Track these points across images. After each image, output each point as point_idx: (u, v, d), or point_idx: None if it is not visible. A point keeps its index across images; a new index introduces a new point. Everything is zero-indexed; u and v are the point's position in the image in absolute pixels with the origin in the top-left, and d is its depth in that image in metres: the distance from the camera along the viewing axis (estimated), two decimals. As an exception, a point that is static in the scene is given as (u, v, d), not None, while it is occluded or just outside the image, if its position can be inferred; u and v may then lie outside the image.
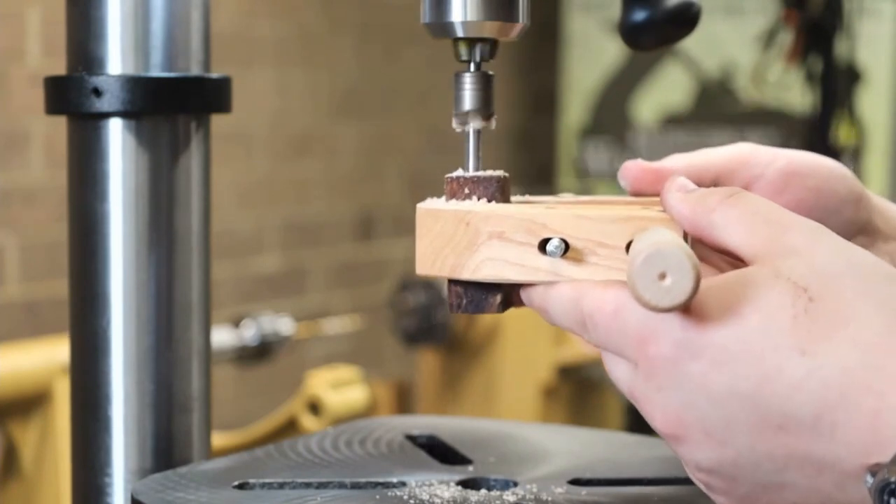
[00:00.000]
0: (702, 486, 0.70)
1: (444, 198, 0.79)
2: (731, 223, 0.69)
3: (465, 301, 0.77)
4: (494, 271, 0.75)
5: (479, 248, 0.75)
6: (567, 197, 0.83)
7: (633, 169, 0.81)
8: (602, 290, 0.70)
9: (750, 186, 0.81)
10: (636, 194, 0.82)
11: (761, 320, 0.65)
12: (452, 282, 0.77)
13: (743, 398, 0.65)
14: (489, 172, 0.79)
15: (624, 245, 0.72)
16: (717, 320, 0.65)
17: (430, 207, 0.77)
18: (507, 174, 0.80)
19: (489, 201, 0.77)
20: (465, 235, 0.75)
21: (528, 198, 0.81)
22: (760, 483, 0.67)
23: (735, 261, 0.71)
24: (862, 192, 0.84)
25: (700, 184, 0.76)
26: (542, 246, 0.74)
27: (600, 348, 0.71)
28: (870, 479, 0.62)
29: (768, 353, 0.64)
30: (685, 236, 0.72)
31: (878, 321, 0.64)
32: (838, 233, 0.75)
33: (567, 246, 0.73)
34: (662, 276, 0.63)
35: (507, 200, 0.79)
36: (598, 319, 0.69)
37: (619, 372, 0.70)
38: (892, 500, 0.60)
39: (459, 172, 0.79)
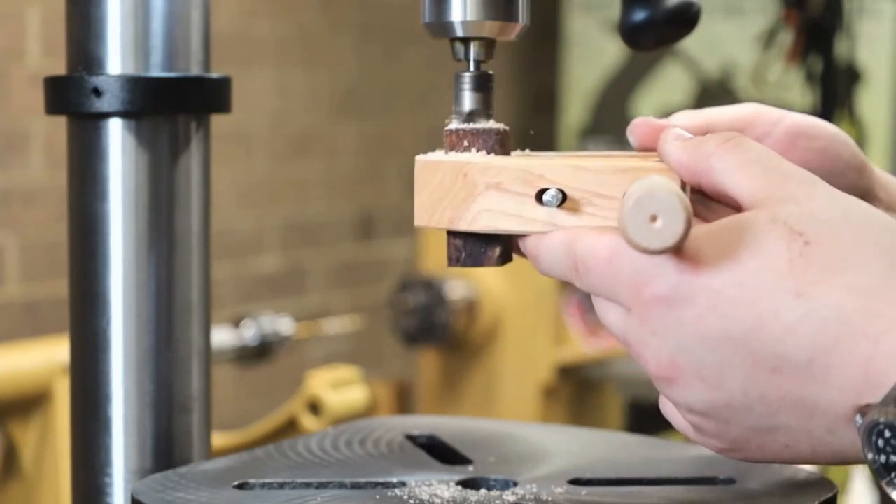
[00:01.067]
0: (691, 430, 0.71)
1: (443, 150, 0.79)
2: (729, 167, 0.69)
3: (463, 254, 0.77)
4: (491, 222, 0.74)
5: (476, 198, 0.75)
6: (566, 152, 0.82)
7: (641, 126, 0.81)
8: (596, 235, 0.70)
9: None
10: (644, 150, 0.82)
11: (757, 264, 0.65)
12: (451, 234, 0.77)
13: (737, 341, 0.65)
14: (489, 125, 0.79)
15: (621, 196, 0.71)
16: (712, 264, 0.66)
17: (429, 159, 0.77)
18: (507, 127, 0.79)
19: (488, 153, 0.77)
20: (463, 187, 0.75)
21: (528, 152, 0.81)
22: (752, 426, 0.68)
23: (734, 209, 0.70)
24: (864, 160, 0.85)
25: None
26: (540, 196, 0.73)
27: (592, 293, 0.71)
28: (859, 420, 0.63)
29: (763, 297, 0.65)
30: (683, 186, 0.72)
31: (874, 267, 0.64)
32: None
33: (564, 196, 0.73)
34: (653, 219, 0.63)
35: (506, 153, 0.78)
36: (592, 264, 0.69)
37: (611, 317, 0.70)
38: (881, 441, 0.61)
39: (458, 124, 0.79)
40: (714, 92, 4.49)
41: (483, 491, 0.85)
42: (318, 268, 4.02)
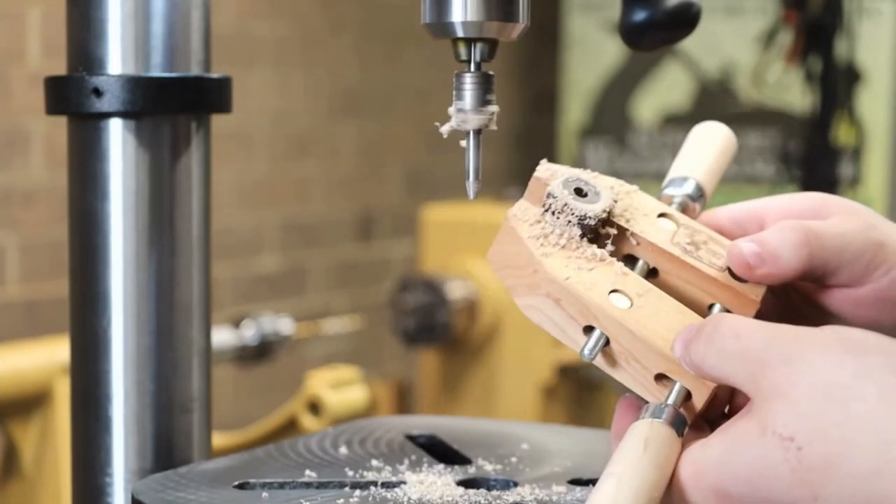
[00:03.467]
0: None
1: (532, 197, 0.79)
2: (716, 368, 0.72)
3: None
4: (539, 320, 0.78)
5: (535, 295, 0.77)
6: (678, 215, 0.82)
7: (740, 256, 0.78)
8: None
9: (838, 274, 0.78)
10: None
11: (769, 483, 0.68)
12: None
13: None
14: (590, 205, 0.79)
15: (654, 373, 0.74)
16: (742, 494, 0.69)
17: (515, 228, 0.78)
18: (606, 213, 0.79)
19: (572, 237, 0.78)
20: (530, 276, 0.77)
21: (626, 190, 0.81)
22: None
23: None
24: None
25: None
26: (587, 330, 0.76)
27: None
28: None
29: None
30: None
31: (866, 448, 0.67)
32: None
33: (607, 341, 0.75)
34: None
35: (588, 237, 0.79)
36: None
37: None
38: None
39: (563, 190, 0.79)
40: (714, 92, 4.50)
41: (483, 491, 0.85)
42: (318, 268, 4.02)
